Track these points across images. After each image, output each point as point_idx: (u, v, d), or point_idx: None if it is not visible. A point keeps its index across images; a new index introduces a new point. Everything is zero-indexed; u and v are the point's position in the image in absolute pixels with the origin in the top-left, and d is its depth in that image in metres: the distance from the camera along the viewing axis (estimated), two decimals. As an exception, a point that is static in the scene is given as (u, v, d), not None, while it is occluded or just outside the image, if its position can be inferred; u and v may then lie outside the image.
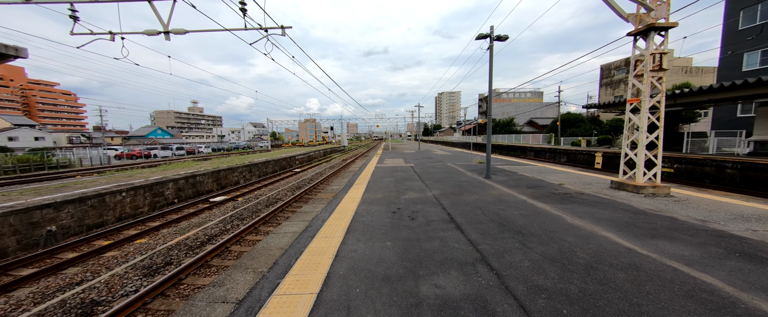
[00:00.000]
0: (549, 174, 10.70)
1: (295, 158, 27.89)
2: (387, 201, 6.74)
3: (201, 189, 14.15)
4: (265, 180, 18.76)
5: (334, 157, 36.16)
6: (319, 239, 4.37)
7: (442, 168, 13.19)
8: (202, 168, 16.02)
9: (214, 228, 8.41)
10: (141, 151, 39.03)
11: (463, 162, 15.70)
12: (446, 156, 21.24)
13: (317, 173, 20.20)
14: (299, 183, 15.76)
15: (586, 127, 37.83)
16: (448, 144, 61.99)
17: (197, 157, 37.53)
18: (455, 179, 9.75)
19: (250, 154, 37.73)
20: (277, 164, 23.38)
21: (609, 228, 4.53)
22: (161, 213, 10.60)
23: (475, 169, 12.52)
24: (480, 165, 14.03)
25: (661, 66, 6.92)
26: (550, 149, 28.99)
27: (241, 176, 17.86)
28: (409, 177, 10.33)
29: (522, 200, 6.55)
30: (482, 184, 8.61)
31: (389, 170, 12.80)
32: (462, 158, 19.15)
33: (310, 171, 22.51)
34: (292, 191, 13.85)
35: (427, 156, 21.55)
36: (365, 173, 12.06)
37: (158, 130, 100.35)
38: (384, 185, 8.85)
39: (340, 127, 72.63)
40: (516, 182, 8.96)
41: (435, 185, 8.68)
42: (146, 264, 6.23)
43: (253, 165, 19.42)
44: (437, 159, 17.97)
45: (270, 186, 16.31)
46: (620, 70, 42.20)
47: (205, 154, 49.27)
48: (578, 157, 24.33)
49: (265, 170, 21.07)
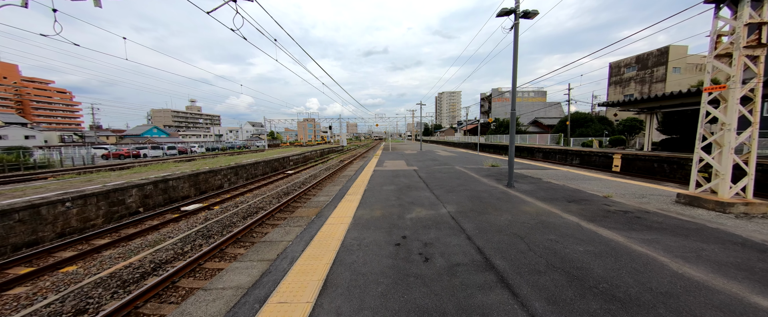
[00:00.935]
0: (581, 182, 8.92)
1: (289, 159, 26.10)
2: (387, 222, 4.94)
3: (175, 195, 12.36)
4: (253, 183, 16.96)
5: (332, 158, 34.36)
6: (271, 308, 2.58)
7: (451, 172, 11.40)
8: (179, 170, 14.22)
9: (168, 251, 6.61)
10: (129, 150, 37.20)
11: (473, 165, 13.90)
12: (452, 157, 19.45)
13: (311, 176, 18.41)
14: (288, 188, 13.98)
15: (596, 126, 36.06)
16: (450, 144, 60.22)
17: (179, 158, 35.70)
18: (471, 188, 7.95)
19: (246, 153, 35.94)
20: (269, 166, 21.59)
21: (746, 282, 2.76)
22: (117, 227, 8.80)
23: (490, 174, 10.72)
24: (494, 170, 12.25)
25: (760, 40, 5.09)
26: (560, 150, 27.20)
27: (226, 179, 16.06)
28: (413, 185, 8.54)
29: (573, 223, 4.76)
30: (508, 196, 6.81)
31: (390, 174, 11.01)
32: (469, 160, 17.36)
33: (303, 173, 20.71)
34: (278, 198, 12.07)
35: (430, 157, 19.76)
36: (362, 178, 10.27)
37: (154, 129, 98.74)
38: (383, 196, 7.05)
39: (338, 126, 70.91)
40: (548, 193, 7.16)
41: (448, 196, 6.88)
42: (54, 311, 4.45)
43: (240, 167, 17.62)
44: (443, 162, 16.17)
45: (256, 191, 14.52)
46: (630, 67, 40.44)
47: (199, 154, 47.51)
48: (593, 158, 22.54)
49: (254, 172, 19.27)
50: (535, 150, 30.95)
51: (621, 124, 28.65)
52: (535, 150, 30.80)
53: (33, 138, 67.38)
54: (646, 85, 38.13)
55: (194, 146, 49.64)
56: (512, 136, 8.07)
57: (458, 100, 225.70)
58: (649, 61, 37.80)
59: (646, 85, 38.13)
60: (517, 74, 7.64)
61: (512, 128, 7.99)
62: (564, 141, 31.97)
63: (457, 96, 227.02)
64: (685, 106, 18.22)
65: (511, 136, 8.05)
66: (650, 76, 37.52)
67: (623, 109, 22.19)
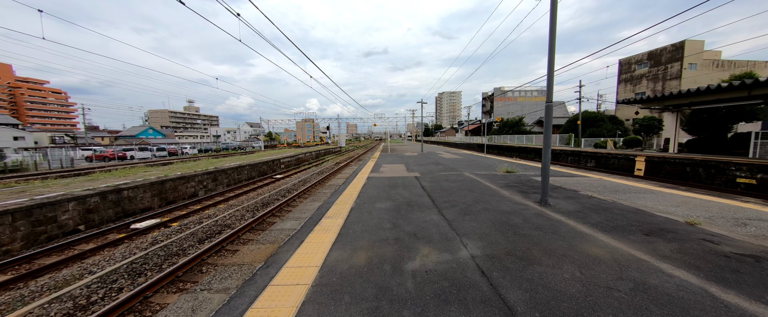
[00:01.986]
0: (630, 195, 6.94)
1: (280, 161, 24.14)
2: (374, 283, 2.96)
3: (131, 207, 10.38)
4: (234, 190, 14.99)
5: (328, 160, 32.39)
6: None
7: (461, 181, 9.41)
8: (142, 177, 12.24)
9: (64, 303, 4.65)
10: (114, 152, 35.24)
11: (485, 171, 11.91)
12: (457, 160, 17.46)
13: (299, 182, 16.45)
14: (269, 198, 12.01)
15: (607, 126, 34.09)
16: (451, 145, 58.22)
17: (168, 160, 33.68)
18: (493, 206, 5.98)
19: (239, 155, 33.95)
20: (256, 169, 19.62)
21: None
22: (34, 255, 6.83)
23: (509, 184, 8.74)
24: (512, 177, 10.26)
25: None
26: (572, 152, 25.21)
27: (201, 186, 14.09)
28: (415, 201, 6.56)
29: (698, 289, 2.77)
30: (551, 223, 4.81)
31: (386, 184, 9.04)
32: (478, 163, 15.37)
33: (294, 177, 18.75)
34: (253, 211, 10.10)
35: (433, 160, 17.78)
36: (351, 189, 8.30)
37: (150, 129, 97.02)
38: (374, 222, 5.08)
39: (337, 127, 69.03)
40: (603, 216, 5.18)
41: (465, 222, 4.91)
42: None
43: (220, 172, 15.64)
44: (448, 166, 14.19)
45: (233, 201, 12.55)
46: (642, 64, 38.45)
47: (191, 155, 45.56)
48: (611, 161, 20.53)
49: (238, 177, 17.30)
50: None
51: (637, 123, 26.65)
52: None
53: (22, 139, 65.52)
54: (659, 83, 36.14)
55: (186, 147, 47.65)
56: (548, 135, 6.09)
57: (458, 100, 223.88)
58: (662, 57, 35.82)
59: (659, 83, 36.14)
60: (554, 52, 5.66)
61: (548, 126, 6.01)
62: (575, 141, 29.98)
63: (458, 96, 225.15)
64: (720, 103, 16.24)
65: (545, 136, 6.07)
66: (664, 73, 35.53)
67: (644, 106, 20.21)
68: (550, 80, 5.80)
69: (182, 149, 46.33)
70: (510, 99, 78.25)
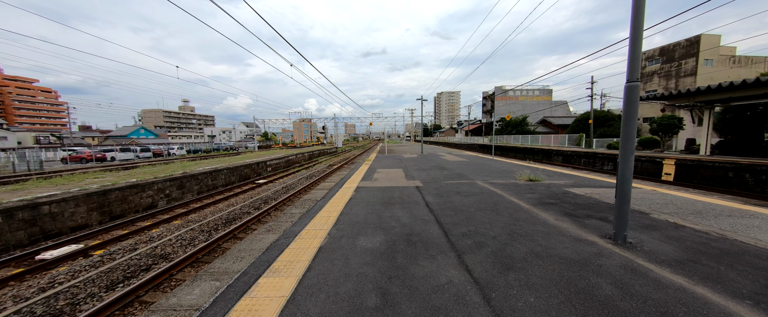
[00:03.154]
0: (732, 222, 4.80)
1: (266, 164, 21.92)
2: None
3: (55, 226, 8.15)
4: (204, 199, 12.77)
5: (320, 161, 30.18)
6: None
7: (477, 195, 7.23)
8: (78, 187, 9.98)
9: None
10: (92, 152, 32.85)
11: (502, 180, 9.74)
12: (463, 164, 15.31)
13: (282, 188, 14.26)
14: (240, 212, 9.82)
15: (618, 125, 32.08)
16: (452, 145, 56.12)
17: (151, 162, 31.32)
18: (544, 248, 3.80)
19: (230, 156, 31.65)
20: (236, 173, 17.39)
21: None
22: None
23: (543, 200, 6.57)
24: (539, 187, 8.11)
25: None
26: (585, 153, 23.12)
27: (162, 196, 11.86)
28: (419, 235, 4.37)
29: None
30: (676, 298, 2.65)
31: (378, 199, 6.86)
32: (489, 168, 13.22)
33: (277, 183, 16.55)
34: (207, 233, 7.90)
35: (435, 163, 15.62)
36: (331, 208, 6.13)
37: (141, 129, 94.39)
38: (348, 290, 2.90)
39: (333, 126, 66.80)
40: (737, 272, 3.03)
41: (513, 291, 2.75)
42: None
43: (189, 177, 13.42)
44: (455, 172, 12.03)
45: (194, 214, 10.33)
46: (653, 60, 36.47)
47: (179, 156, 43.21)
48: (634, 164, 18.46)
49: (212, 183, 15.07)
50: (552, 152, 26.85)
51: (654, 122, 24.60)
52: (553, 152, 26.71)
53: (4, 139, 62.92)
54: (672, 80, 34.16)
55: (173, 148, 45.20)
56: (630, 132, 3.94)
57: (457, 100, 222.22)
58: (675, 52, 33.84)
59: (672, 80, 34.16)
60: (643, 7, 3.52)
61: (630, 118, 3.86)
62: (586, 142, 27.91)
63: (456, 96, 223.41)
64: (757, 100, 14.21)
65: (626, 133, 3.87)
66: (677, 70, 33.55)
67: (671, 102, 18.15)
68: (634, 49, 3.64)
69: (169, 150, 43.93)
70: (511, 98, 76.30)
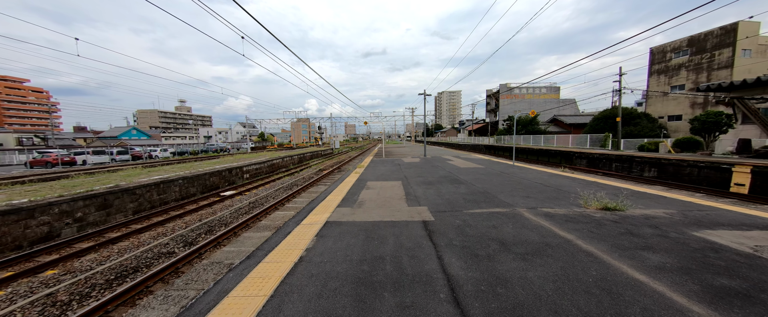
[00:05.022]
0: None
1: (242, 170, 18.62)
2: None
3: None
4: (139, 221, 9.40)
5: (310, 165, 26.84)
6: None
7: (540, 250, 3.86)
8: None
9: None
10: (58, 155, 29.58)
11: (560, 207, 6.36)
12: (480, 173, 11.97)
13: (247, 205, 10.94)
14: (149, 257, 6.51)
15: (645, 124, 28.68)
16: (456, 146, 52.69)
17: (104, 167, 28.02)
18: None
19: (219, 158, 28.34)
20: (198, 183, 14.08)
21: None
22: None
23: (687, 269, 3.22)
24: (635, 225, 4.77)
25: None
26: (616, 156, 19.66)
27: (68, 222, 8.53)
28: None
29: None
30: None
31: (352, 265, 3.53)
32: (520, 182, 9.87)
33: (247, 196, 13.21)
34: (60, 308, 4.58)
35: (445, 173, 12.28)
36: (260, 281, 2.78)
37: (133, 130, 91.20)
38: None
39: (330, 126, 63.51)
40: None
41: None
42: None
43: (117, 193, 10.08)
44: (476, 188, 8.66)
45: (92, 255, 7.01)
46: (679, 52, 32.99)
47: (162, 159, 39.91)
48: (685, 170, 15.04)
49: (160, 198, 11.75)
50: (573, 155, 23.38)
51: (696, 120, 21.18)
52: (574, 155, 23.23)
53: (-17, 141, 59.85)
54: (702, 73, 30.71)
55: (155, 150, 41.88)
56: None
57: (458, 100, 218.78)
58: (707, 42, 30.39)
59: (702, 73, 30.71)
60: None
61: None
62: (612, 142, 24.49)
63: (457, 95, 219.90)
64: None
65: None
66: (709, 62, 30.10)
67: (735, 94, 14.73)
68: None
69: (150, 152, 40.61)
70: (517, 96, 72.71)
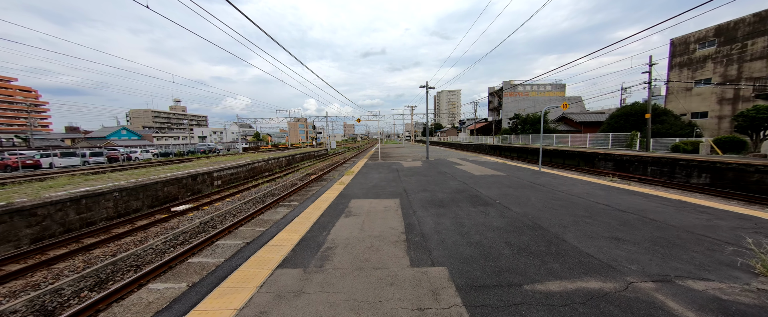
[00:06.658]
0: None
1: (212, 176, 15.62)
2: None
3: None
4: (36, 254, 6.45)
5: (299, 168, 23.85)
6: None
7: None
8: None
9: None
10: (18, 159, 26.51)
11: (652, 242, 3.49)
12: (506, 185, 9.03)
13: (199, 226, 7.99)
14: None
15: (673, 122, 25.79)
16: (458, 147, 49.72)
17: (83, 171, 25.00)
18: None
19: (210, 158, 25.34)
20: (148, 195, 11.08)
21: None
22: None
23: None
24: None
25: None
26: (654, 159, 16.69)
27: None
28: None
29: None
30: None
31: None
32: (576, 202, 6.98)
33: (202, 213, 10.25)
34: None
35: (459, 185, 9.33)
36: None
37: (123, 130, 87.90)
38: None
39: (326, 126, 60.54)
40: None
41: None
42: None
43: (22, 211, 7.09)
44: (512, 213, 5.77)
45: None
46: (705, 43, 30.10)
47: (143, 161, 36.80)
48: (752, 177, 12.17)
49: (80, 217, 8.74)
50: (595, 156, 20.42)
51: (743, 115, 18.31)
52: (597, 156, 20.27)
53: (-41, 142, 56.69)
54: (732, 66, 27.83)
55: (136, 151, 38.68)
56: None
57: (458, 99, 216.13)
58: (737, 31, 27.51)
59: (732, 66, 27.83)
60: None
61: None
62: (640, 142, 21.59)
63: (457, 94, 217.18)
64: None
65: None
66: (740, 52, 27.21)
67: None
68: None
69: (130, 153, 37.44)
70: (520, 94, 69.85)
